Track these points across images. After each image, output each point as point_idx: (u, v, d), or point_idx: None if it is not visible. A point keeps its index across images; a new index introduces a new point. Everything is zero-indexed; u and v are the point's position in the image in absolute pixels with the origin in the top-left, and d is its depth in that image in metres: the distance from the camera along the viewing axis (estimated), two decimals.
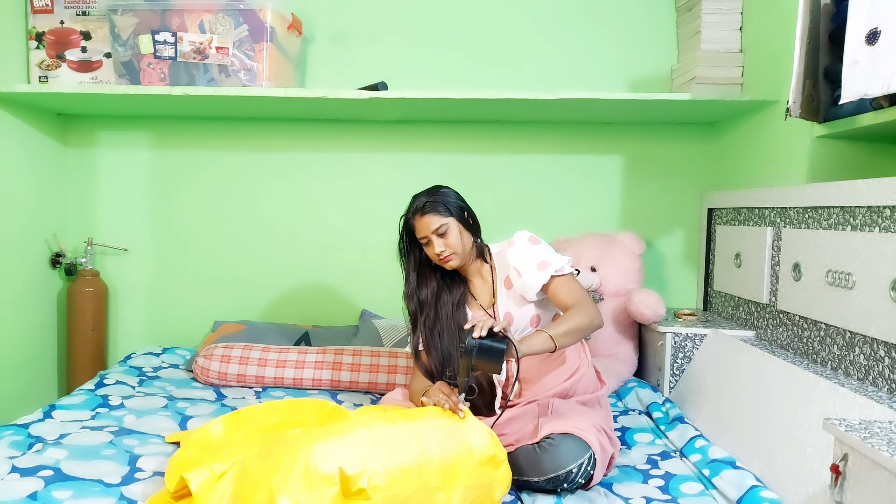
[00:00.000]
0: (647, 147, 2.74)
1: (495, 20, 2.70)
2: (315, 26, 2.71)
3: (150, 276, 2.80)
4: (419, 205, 1.78)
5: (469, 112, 2.57)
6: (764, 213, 2.16)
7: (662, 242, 2.76)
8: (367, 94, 2.30)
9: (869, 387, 1.60)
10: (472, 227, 1.82)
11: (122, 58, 2.41)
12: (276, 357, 2.34)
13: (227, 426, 1.74)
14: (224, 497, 1.37)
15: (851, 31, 1.60)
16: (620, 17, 2.68)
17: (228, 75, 2.36)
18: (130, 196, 2.78)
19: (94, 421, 1.92)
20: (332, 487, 1.30)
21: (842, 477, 1.23)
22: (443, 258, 1.76)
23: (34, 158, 2.56)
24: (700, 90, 2.38)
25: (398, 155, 2.77)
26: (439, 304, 1.83)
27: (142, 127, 2.77)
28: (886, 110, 1.67)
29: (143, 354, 2.59)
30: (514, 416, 1.72)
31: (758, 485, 1.49)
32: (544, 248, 1.80)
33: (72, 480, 1.51)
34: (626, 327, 2.46)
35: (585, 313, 1.66)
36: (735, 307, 2.37)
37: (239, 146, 2.78)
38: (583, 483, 1.56)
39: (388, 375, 2.30)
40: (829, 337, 1.79)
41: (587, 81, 2.68)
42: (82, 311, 2.64)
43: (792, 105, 1.84)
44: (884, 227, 1.58)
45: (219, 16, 2.34)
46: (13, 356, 2.46)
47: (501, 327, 1.52)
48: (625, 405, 2.22)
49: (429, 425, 1.50)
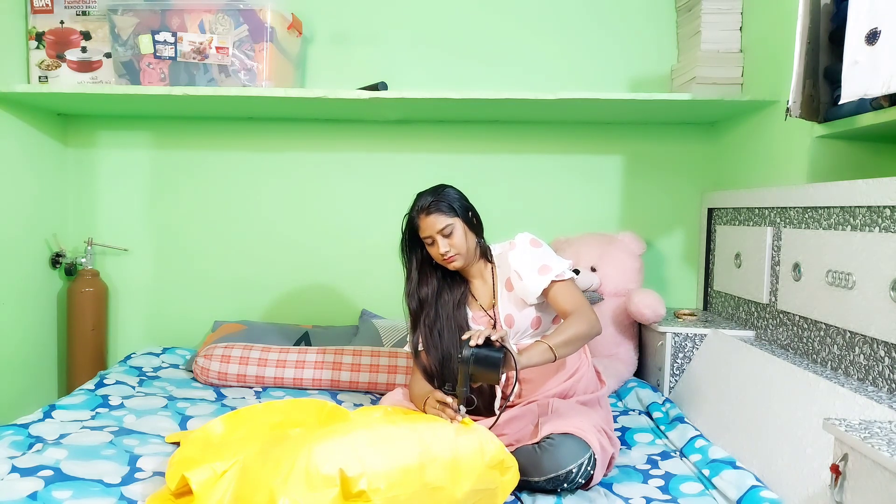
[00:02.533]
0: (647, 147, 2.74)
1: (495, 20, 2.70)
2: (315, 26, 2.71)
3: (150, 276, 2.80)
4: (424, 204, 1.76)
5: (469, 112, 2.57)
6: (764, 213, 2.16)
7: (662, 242, 2.76)
8: (367, 94, 2.30)
9: (869, 387, 1.60)
10: (475, 228, 1.82)
11: (122, 58, 2.41)
12: (276, 357, 2.34)
13: (227, 425, 1.74)
14: (225, 496, 1.37)
15: (851, 31, 1.60)
16: (620, 17, 2.68)
17: (228, 75, 2.36)
18: (130, 196, 2.78)
19: (94, 421, 1.92)
20: (332, 489, 1.30)
21: (842, 477, 1.23)
22: (447, 258, 1.76)
23: (34, 158, 2.56)
24: (700, 90, 2.38)
25: (398, 155, 2.77)
26: (440, 303, 1.83)
27: (142, 127, 2.77)
28: (886, 110, 1.67)
29: (143, 354, 2.59)
30: (514, 417, 1.72)
31: (758, 485, 1.49)
32: (545, 251, 1.80)
33: (72, 480, 1.51)
34: (626, 327, 2.46)
35: (585, 322, 1.66)
36: (735, 307, 2.37)
37: (239, 146, 2.78)
38: (583, 483, 1.56)
39: (388, 375, 2.30)
40: (829, 337, 1.79)
41: (587, 81, 2.68)
42: (82, 311, 2.64)
43: (792, 105, 1.84)
44: (884, 227, 1.58)
45: (219, 16, 2.34)
46: (13, 356, 2.46)
47: (498, 337, 1.52)
48: (625, 405, 2.21)
49: (436, 424, 1.50)
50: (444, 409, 1.57)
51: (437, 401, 1.60)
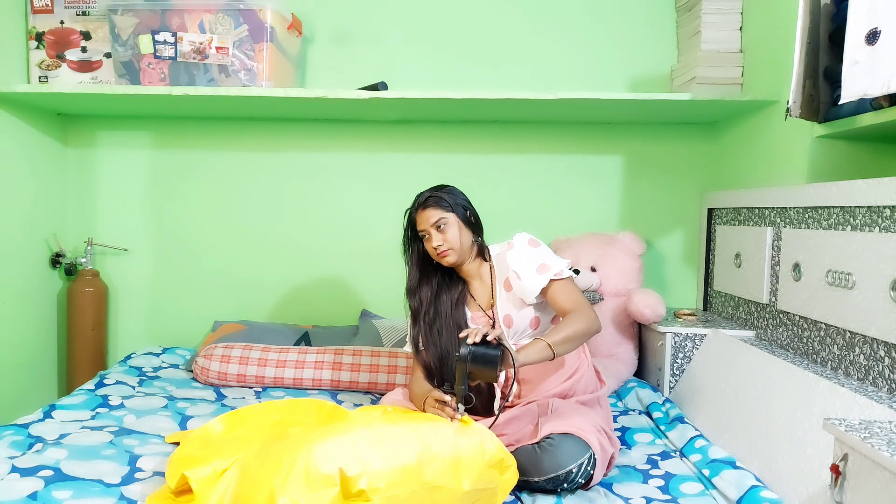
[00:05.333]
0: (647, 147, 2.74)
1: (495, 20, 2.70)
2: (315, 26, 2.71)
3: (150, 276, 2.80)
4: (422, 199, 1.81)
5: (469, 112, 2.57)
6: (764, 213, 2.16)
7: (662, 242, 2.76)
8: (367, 94, 2.30)
9: (869, 387, 1.60)
10: (473, 226, 1.83)
11: (122, 58, 2.41)
12: (276, 357, 2.34)
13: (227, 425, 1.74)
14: (225, 495, 1.37)
15: (851, 31, 1.60)
16: (620, 17, 2.68)
17: (228, 75, 2.36)
18: (130, 196, 2.78)
19: (94, 421, 1.92)
20: (332, 489, 1.30)
21: (842, 477, 1.23)
22: (440, 252, 1.77)
23: (34, 158, 2.56)
24: (700, 90, 2.38)
25: (398, 155, 2.77)
26: (439, 301, 1.84)
27: (142, 127, 2.77)
28: (886, 110, 1.67)
29: (143, 354, 2.59)
30: (514, 417, 1.72)
31: (758, 485, 1.49)
32: (544, 251, 1.80)
33: (72, 480, 1.51)
34: (626, 327, 2.46)
35: (584, 319, 1.66)
36: (735, 307, 2.37)
37: (239, 146, 2.78)
38: (583, 483, 1.57)
39: (388, 375, 2.30)
40: (829, 337, 1.79)
41: (587, 81, 2.68)
42: (82, 311, 2.64)
43: (792, 105, 1.84)
44: (884, 227, 1.58)
45: (219, 16, 2.34)
46: (13, 356, 2.46)
47: (495, 335, 1.52)
48: (625, 405, 2.21)
49: (436, 423, 1.50)
50: (442, 409, 1.57)
51: (436, 400, 1.61)
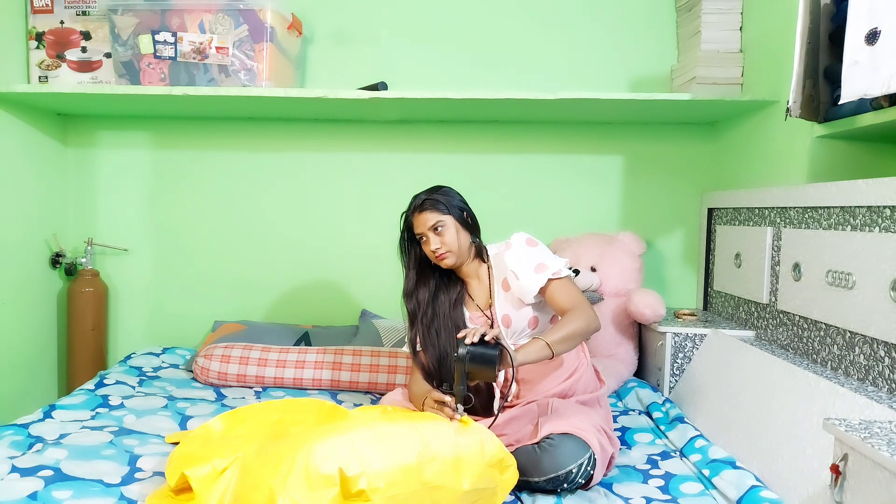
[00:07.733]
0: (647, 147, 2.74)
1: (495, 20, 2.70)
2: (315, 26, 2.71)
3: (150, 276, 2.80)
4: (418, 202, 1.80)
5: (469, 112, 2.57)
6: (764, 213, 2.16)
7: (662, 242, 2.76)
8: (367, 94, 2.30)
9: (869, 387, 1.60)
10: (470, 227, 1.82)
11: (122, 58, 2.41)
12: (276, 357, 2.34)
13: (226, 424, 1.74)
14: (225, 494, 1.37)
15: (851, 31, 1.60)
16: (620, 17, 2.68)
17: (228, 75, 2.36)
18: (130, 196, 2.78)
19: (94, 421, 1.92)
20: (332, 488, 1.30)
21: (842, 477, 1.23)
22: (438, 255, 1.77)
23: (34, 158, 2.56)
24: (700, 90, 2.38)
25: (398, 155, 2.77)
26: (437, 302, 1.83)
27: (142, 127, 2.77)
28: (886, 110, 1.67)
29: (143, 354, 2.59)
30: (514, 417, 1.72)
31: (758, 485, 1.49)
32: (541, 250, 1.80)
33: (72, 480, 1.51)
34: (625, 327, 2.46)
35: (582, 318, 1.65)
36: (735, 307, 2.37)
37: (239, 146, 2.78)
38: (583, 483, 1.56)
39: (388, 375, 2.30)
40: (829, 337, 1.79)
41: (587, 81, 2.68)
42: (82, 311, 2.64)
43: (792, 105, 1.84)
44: (884, 227, 1.58)
45: (219, 16, 2.34)
46: (13, 356, 2.46)
47: (493, 335, 1.52)
48: (625, 405, 2.21)
49: (436, 423, 1.50)
50: (442, 409, 1.57)
51: (435, 400, 1.61)
